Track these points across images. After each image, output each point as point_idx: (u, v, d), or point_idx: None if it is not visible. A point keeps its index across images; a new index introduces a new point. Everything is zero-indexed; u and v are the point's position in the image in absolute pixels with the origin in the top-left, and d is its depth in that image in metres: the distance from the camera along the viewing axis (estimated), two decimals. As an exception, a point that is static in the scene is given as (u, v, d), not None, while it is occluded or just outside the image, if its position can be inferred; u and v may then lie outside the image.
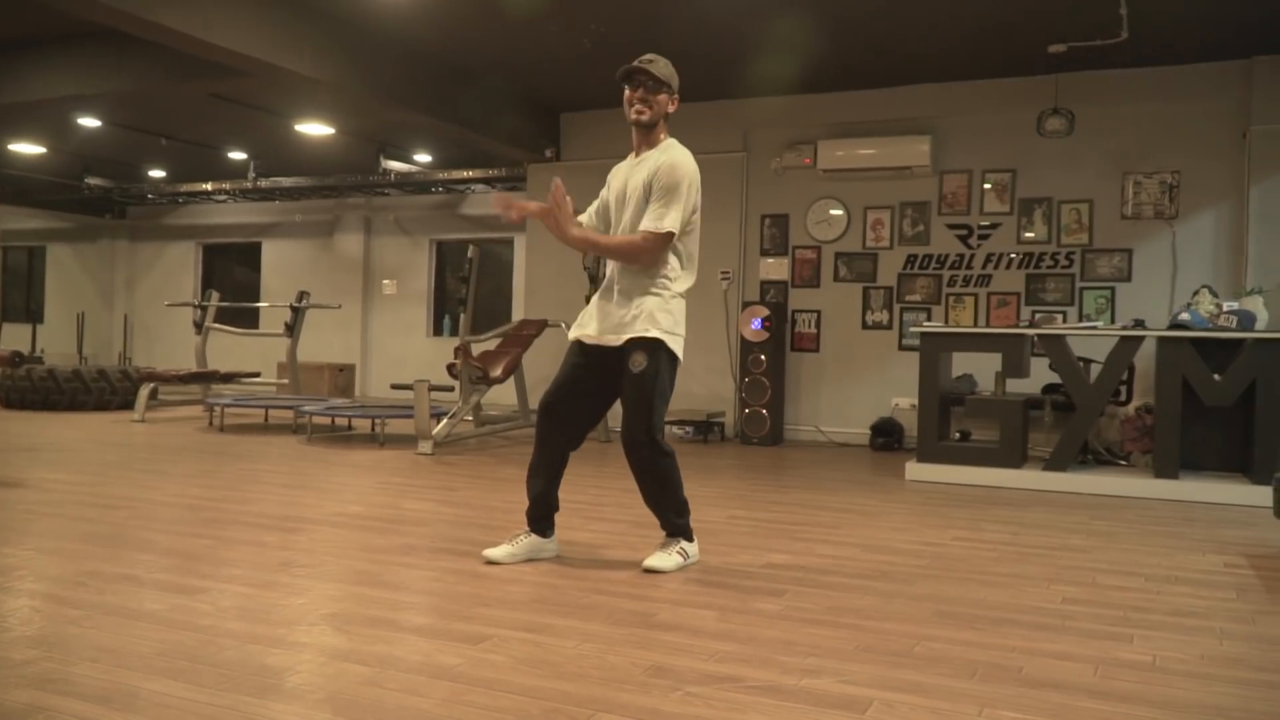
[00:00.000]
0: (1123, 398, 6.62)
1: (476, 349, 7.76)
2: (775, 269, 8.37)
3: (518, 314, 11.41)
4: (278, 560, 3.58)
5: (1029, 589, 3.43)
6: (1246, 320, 5.56)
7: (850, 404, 8.11)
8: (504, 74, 8.01)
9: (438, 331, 12.65)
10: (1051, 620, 3.04)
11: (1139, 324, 5.94)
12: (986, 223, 7.73)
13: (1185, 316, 5.65)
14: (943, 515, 4.90)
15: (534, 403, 8.49)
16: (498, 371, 7.48)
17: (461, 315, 8.20)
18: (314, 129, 9.57)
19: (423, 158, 11.22)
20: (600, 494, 5.29)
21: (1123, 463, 6.36)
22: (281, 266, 13.50)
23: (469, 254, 8.17)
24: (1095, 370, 6.20)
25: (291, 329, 9.52)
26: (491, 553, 3.59)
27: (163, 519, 4.32)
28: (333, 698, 2.23)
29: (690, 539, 3.63)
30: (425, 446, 6.85)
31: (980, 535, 4.39)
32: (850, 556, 3.88)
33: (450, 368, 7.43)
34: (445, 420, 7.08)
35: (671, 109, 3.54)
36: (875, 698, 2.33)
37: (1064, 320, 7.35)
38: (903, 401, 7.77)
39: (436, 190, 12.06)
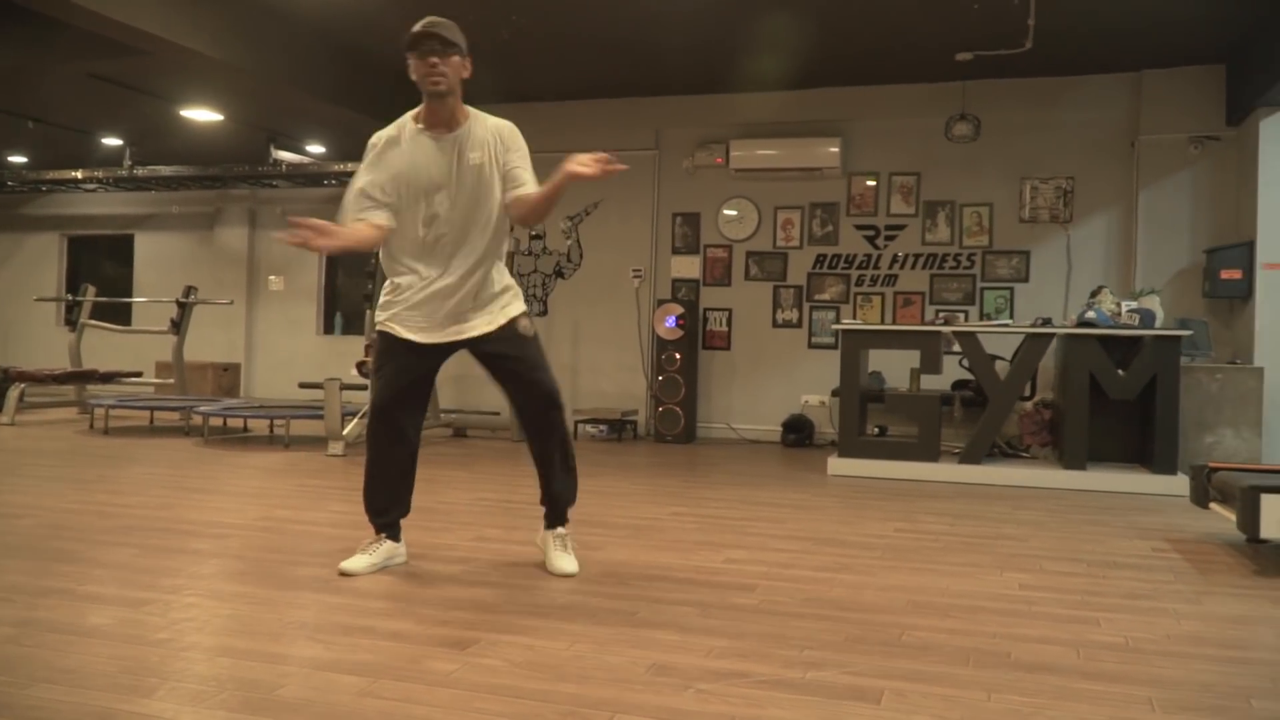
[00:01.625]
0: (1024, 393, 6.89)
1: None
2: (687, 267, 8.40)
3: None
4: (220, 568, 3.36)
5: (986, 577, 3.51)
6: (1148, 319, 5.86)
7: (761, 401, 8.20)
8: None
9: (329, 330, 12.19)
10: (1018, 606, 3.12)
11: (1047, 322, 6.19)
12: (892, 224, 7.94)
13: (1091, 315, 5.91)
14: (876, 508, 4.99)
15: (445, 400, 8.30)
16: (409, 369, 7.23)
17: (367, 312, 7.92)
18: (201, 115, 9.08)
19: (316, 148, 10.80)
20: (537, 494, 5.17)
21: (1023, 455, 6.62)
22: (157, 261, 12.77)
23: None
24: (999, 367, 6.44)
25: (178, 326, 9.01)
26: (349, 565, 3.26)
27: (76, 527, 4.00)
28: (332, 711, 2.09)
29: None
30: (336, 448, 6.58)
31: (919, 527, 4.49)
32: (806, 550, 3.90)
33: (360, 366, 7.15)
34: (356, 420, 6.81)
35: (466, 74, 3.20)
36: (885, 687, 2.33)
37: (965, 319, 7.60)
38: (812, 399, 7.92)
39: (329, 183, 11.60)
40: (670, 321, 7.87)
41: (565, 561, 3.38)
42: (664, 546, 3.89)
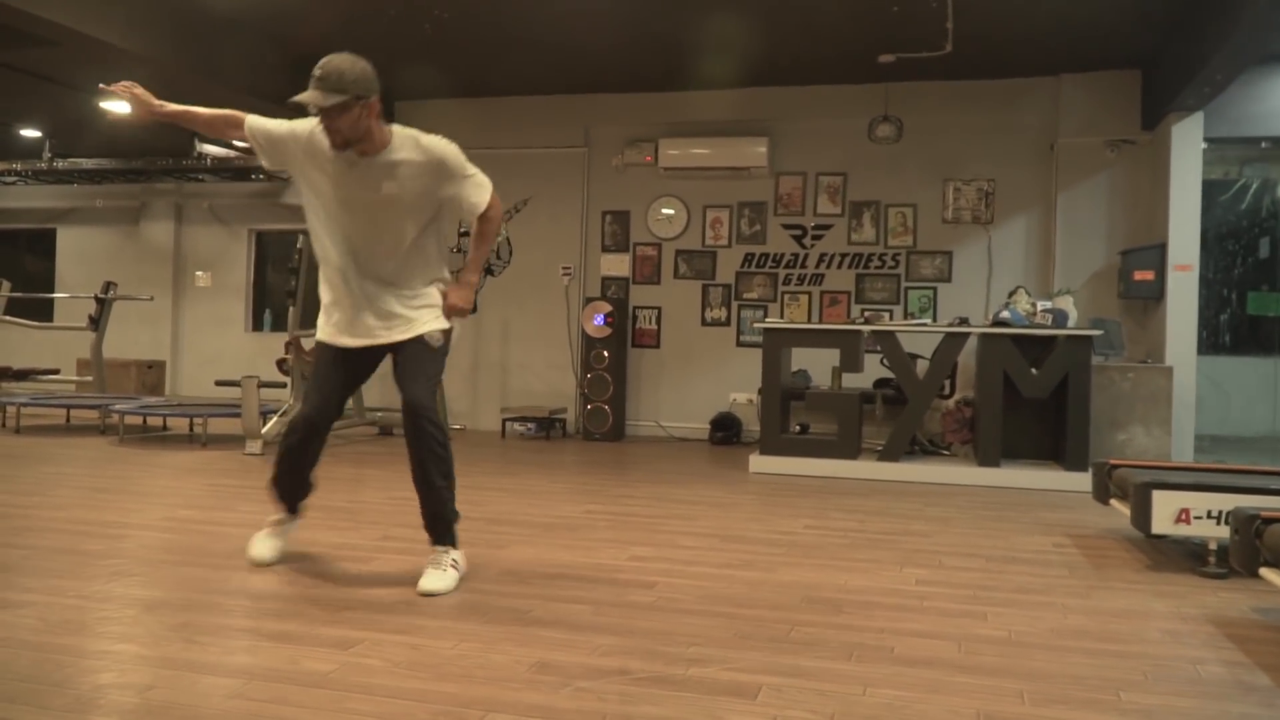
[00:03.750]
0: (945, 391, 6.99)
1: (307, 344, 7.39)
2: (616, 265, 8.39)
3: (346, 309, 10.97)
4: (106, 570, 3.27)
5: (884, 573, 3.55)
6: (1060, 319, 5.98)
7: (689, 399, 8.23)
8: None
9: (257, 327, 11.98)
10: (910, 601, 3.16)
11: (964, 321, 6.29)
12: (819, 224, 8.02)
13: (1006, 315, 6.02)
14: (790, 505, 5.03)
15: (369, 399, 8.20)
16: (332, 367, 7.13)
17: (290, 309, 7.79)
18: (121, 107, 8.84)
19: (242, 142, 10.59)
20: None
21: (945, 452, 6.72)
22: (80, 255, 12.45)
23: (298, 245, 7.79)
24: (921, 365, 6.54)
25: (96, 322, 8.80)
26: (258, 554, 3.36)
27: (-37, 528, 3.88)
28: (197, 714, 2.05)
29: (456, 545, 3.28)
30: (254, 446, 6.47)
31: (829, 523, 4.53)
32: (711, 547, 3.92)
33: (281, 363, 7.05)
34: (276, 418, 6.71)
35: (371, 117, 3.04)
36: (763, 683, 2.34)
37: (890, 318, 7.70)
38: (740, 396, 7.97)
39: (257, 178, 11.42)
40: (599, 319, 7.86)
41: (427, 578, 3.10)
42: (571, 545, 3.89)
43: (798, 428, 7.00)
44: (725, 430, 7.90)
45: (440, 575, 3.12)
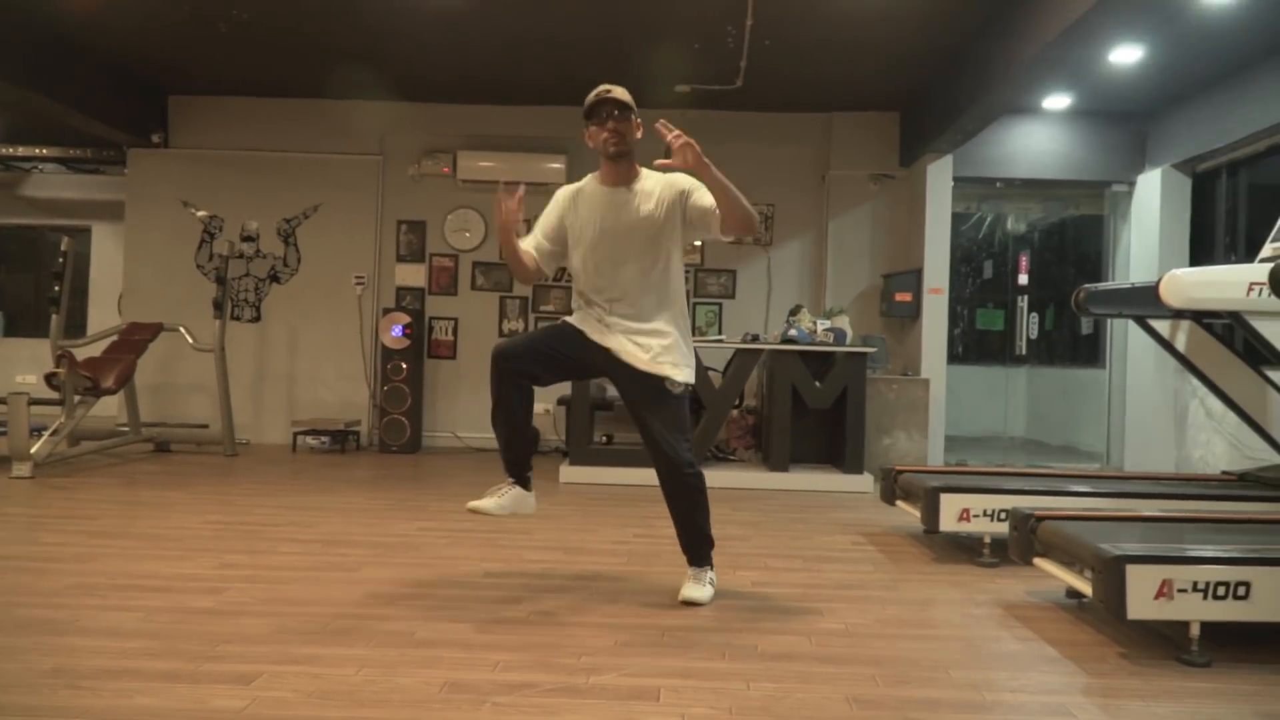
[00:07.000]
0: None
1: (80, 355, 6.86)
2: (412, 275, 8.34)
3: (96, 314, 10.19)
4: (-71, 614, 3.03)
5: (722, 576, 3.82)
6: (840, 336, 6.62)
7: (487, 410, 8.24)
8: (106, 43, 7.13)
9: (-12, 332, 10.85)
10: (754, 602, 3.50)
11: (755, 338, 6.81)
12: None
13: (794, 333, 6.58)
14: (613, 514, 5.29)
15: (145, 413, 7.70)
16: (110, 381, 6.68)
17: (53, 316, 7.22)
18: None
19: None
20: (273, 514, 5.02)
21: (732, 458, 7.22)
22: None
23: (63, 246, 7.24)
24: (713, 377, 6.99)
25: None
26: (479, 504, 3.64)
27: None
28: (129, 759, 2.03)
29: (712, 565, 3.59)
30: (23, 469, 5.95)
31: (656, 531, 4.81)
32: (557, 560, 4.11)
33: (50, 377, 6.51)
34: (47, 437, 6.20)
35: (639, 135, 3.46)
36: (660, 685, 2.58)
37: (680, 331, 8.13)
38: (538, 407, 8.13)
39: (-8, 167, 10.36)
40: (397, 330, 7.80)
41: (688, 589, 3.46)
42: (422, 564, 3.96)
43: (603, 438, 7.28)
44: (523, 440, 8.04)
45: (700, 587, 3.47)
